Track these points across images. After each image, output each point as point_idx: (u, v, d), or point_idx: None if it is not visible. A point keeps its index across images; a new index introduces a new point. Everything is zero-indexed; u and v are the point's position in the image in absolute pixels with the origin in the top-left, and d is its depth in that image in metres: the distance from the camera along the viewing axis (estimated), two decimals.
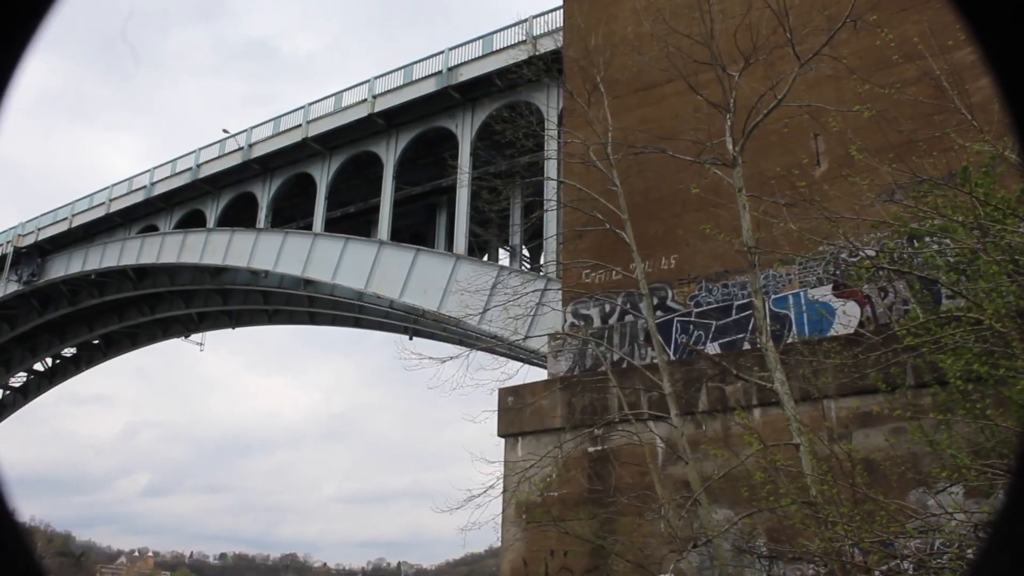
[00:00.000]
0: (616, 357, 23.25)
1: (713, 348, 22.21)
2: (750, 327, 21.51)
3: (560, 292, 25.85)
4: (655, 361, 20.23)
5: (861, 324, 19.74)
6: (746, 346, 21.64)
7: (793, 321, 21.33)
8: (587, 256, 23.86)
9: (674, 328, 23.12)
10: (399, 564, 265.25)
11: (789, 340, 20.42)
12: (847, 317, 20.42)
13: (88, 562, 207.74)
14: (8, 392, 78.22)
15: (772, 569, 17.53)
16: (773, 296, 21.58)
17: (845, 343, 16.86)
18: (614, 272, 22.68)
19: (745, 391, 20.04)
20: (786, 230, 15.50)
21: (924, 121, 15.62)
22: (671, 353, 22.61)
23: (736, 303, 22.41)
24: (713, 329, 22.58)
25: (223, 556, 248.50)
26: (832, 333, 19.96)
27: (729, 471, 15.65)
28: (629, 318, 23.80)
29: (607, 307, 24.42)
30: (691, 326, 22.93)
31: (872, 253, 15.15)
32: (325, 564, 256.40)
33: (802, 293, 21.48)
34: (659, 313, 22.74)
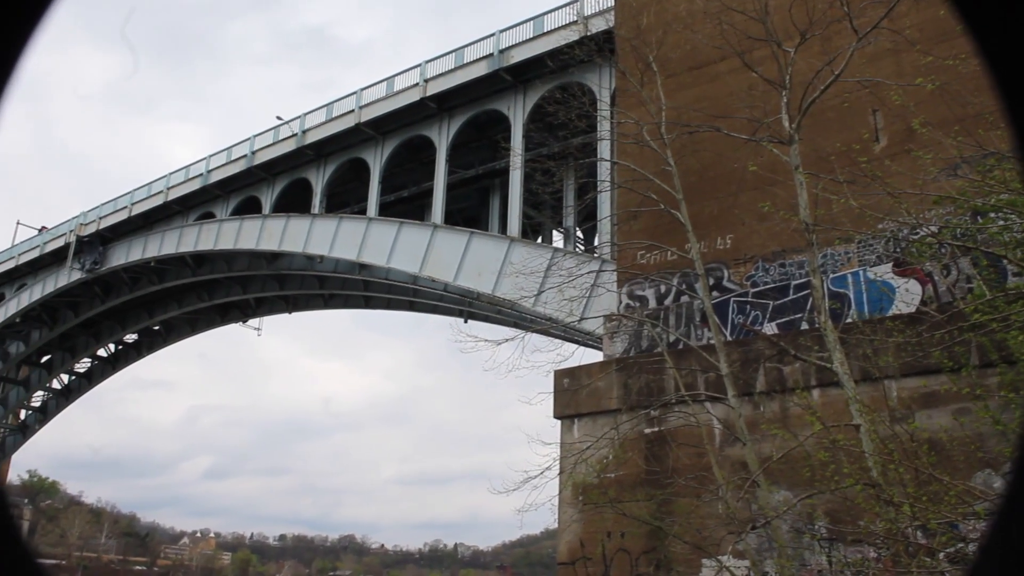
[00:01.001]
0: (672, 338, 23.11)
1: (771, 328, 21.97)
2: (808, 307, 21.22)
3: (615, 273, 25.73)
4: (712, 342, 20.07)
5: (923, 303, 19.37)
6: (804, 326, 21.36)
7: (852, 300, 20.99)
8: (642, 237, 23.71)
9: (731, 308, 22.90)
10: (455, 545, 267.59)
11: (848, 319, 20.11)
12: (909, 295, 20.05)
13: (152, 543, 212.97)
14: (73, 377, 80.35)
15: (832, 551, 17.34)
16: (831, 275, 21.26)
17: (907, 322, 16.55)
18: (669, 252, 22.52)
19: (804, 371, 19.80)
20: (845, 207, 15.22)
21: (990, 93, 15.18)
22: (728, 333, 22.41)
23: (793, 283, 22.12)
24: (770, 309, 22.32)
25: (282, 537, 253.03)
26: (893, 312, 19.62)
27: (788, 452, 15.47)
28: (685, 299, 23.63)
29: (662, 288, 24.26)
30: (748, 306, 22.70)
31: (935, 229, 14.81)
32: (383, 545, 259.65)
33: (861, 272, 21.12)
34: (715, 293, 22.55)
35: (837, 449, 13.83)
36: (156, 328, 72.94)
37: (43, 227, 68.28)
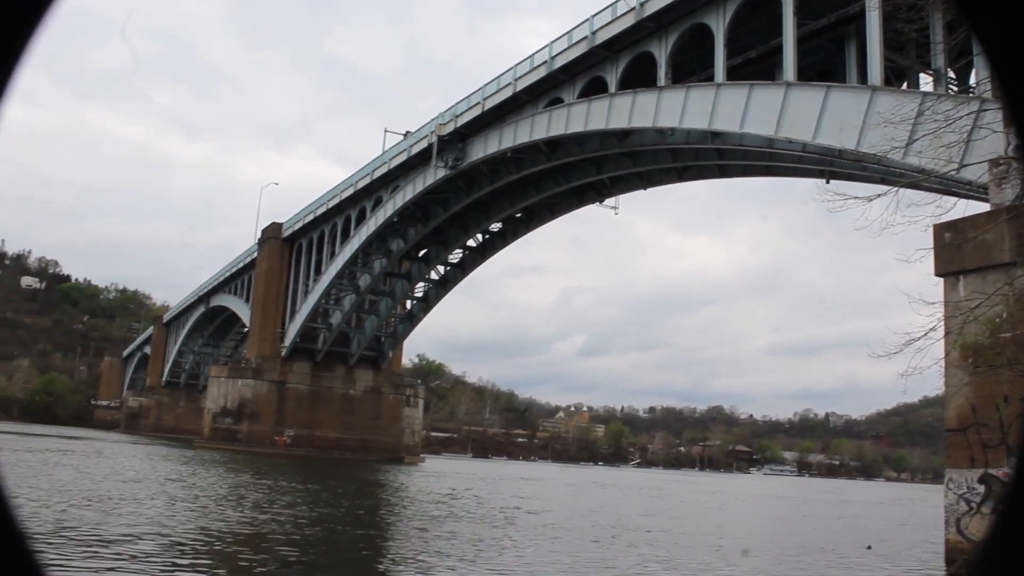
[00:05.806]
0: None
1: None
2: None
3: (1000, 112, 22.98)
4: None
5: None
6: None
7: None
8: None
9: None
10: (827, 415, 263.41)
11: None
12: None
13: (531, 417, 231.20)
14: (448, 268, 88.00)
15: None
16: None
17: None
18: None
19: None
20: None
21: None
22: None
23: None
24: None
25: (652, 410, 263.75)
26: None
27: None
28: None
29: None
30: None
31: None
32: (751, 415, 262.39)
33: None
34: None
35: None
36: (518, 215, 77.04)
37: (407, 132, 73.92)
